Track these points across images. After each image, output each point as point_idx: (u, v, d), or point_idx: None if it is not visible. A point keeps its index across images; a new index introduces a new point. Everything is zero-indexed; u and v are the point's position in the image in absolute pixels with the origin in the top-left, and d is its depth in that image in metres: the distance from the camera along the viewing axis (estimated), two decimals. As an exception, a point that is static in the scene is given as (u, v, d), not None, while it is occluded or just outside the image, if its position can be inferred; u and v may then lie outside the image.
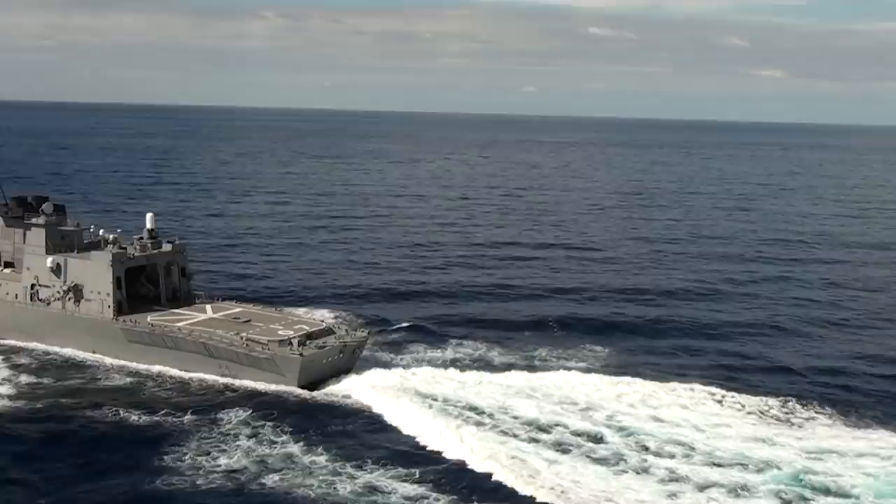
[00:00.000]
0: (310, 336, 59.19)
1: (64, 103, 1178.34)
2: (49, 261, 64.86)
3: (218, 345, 58.14)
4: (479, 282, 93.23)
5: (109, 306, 62.98)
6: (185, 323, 61.54)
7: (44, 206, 68.00)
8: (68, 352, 63.62)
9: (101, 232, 69.24)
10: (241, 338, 58.34)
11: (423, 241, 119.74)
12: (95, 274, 63.45)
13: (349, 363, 59.48)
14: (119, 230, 70.45)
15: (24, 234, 67.54)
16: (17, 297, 67.13)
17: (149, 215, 68.20)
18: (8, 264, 70.38)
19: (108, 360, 61.99)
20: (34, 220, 66.82)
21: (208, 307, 65.77)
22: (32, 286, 66.34)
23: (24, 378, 58.11)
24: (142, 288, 66.86)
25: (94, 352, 63.20)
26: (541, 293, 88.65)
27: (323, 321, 64.63)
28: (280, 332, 59.56)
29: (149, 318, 62.29)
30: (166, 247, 67.10)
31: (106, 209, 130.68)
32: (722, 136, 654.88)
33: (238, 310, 65.37)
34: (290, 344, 57.47)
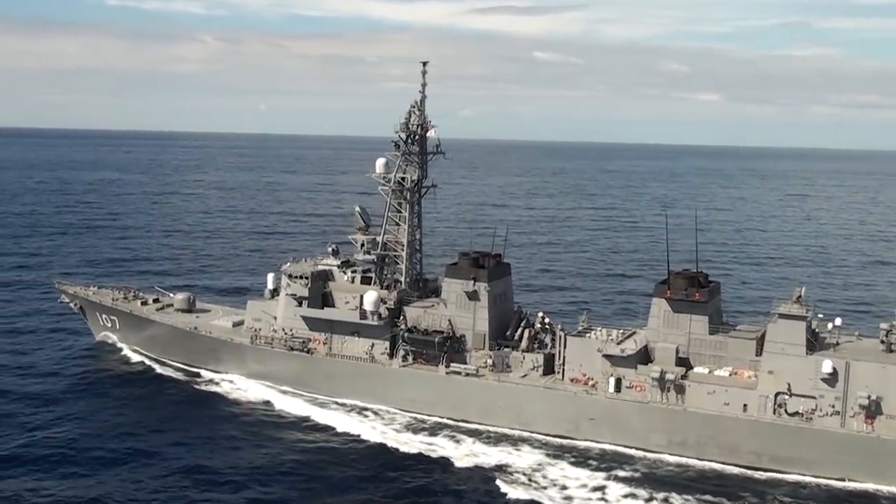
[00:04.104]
0: None
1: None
2: (826, 365, 50.05)
3: None
4: None
5: (942, 427, 48.64)
6: None
7: (802, 292, 52.49)
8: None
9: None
10: None
11: None
12: (912, 382, 49.00)
13: None
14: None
15: (766, 328, 52.49)
16: (745, 410, 51.98)
17: None
18: (682, 361, 55.07)
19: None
20: (790, 310, 51.51)
21: None
22: (777, 395, 51.38)
23: None
24: None
25: None
26: None
27: None
28: None
29: None
30: None
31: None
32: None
33: None
34: None
